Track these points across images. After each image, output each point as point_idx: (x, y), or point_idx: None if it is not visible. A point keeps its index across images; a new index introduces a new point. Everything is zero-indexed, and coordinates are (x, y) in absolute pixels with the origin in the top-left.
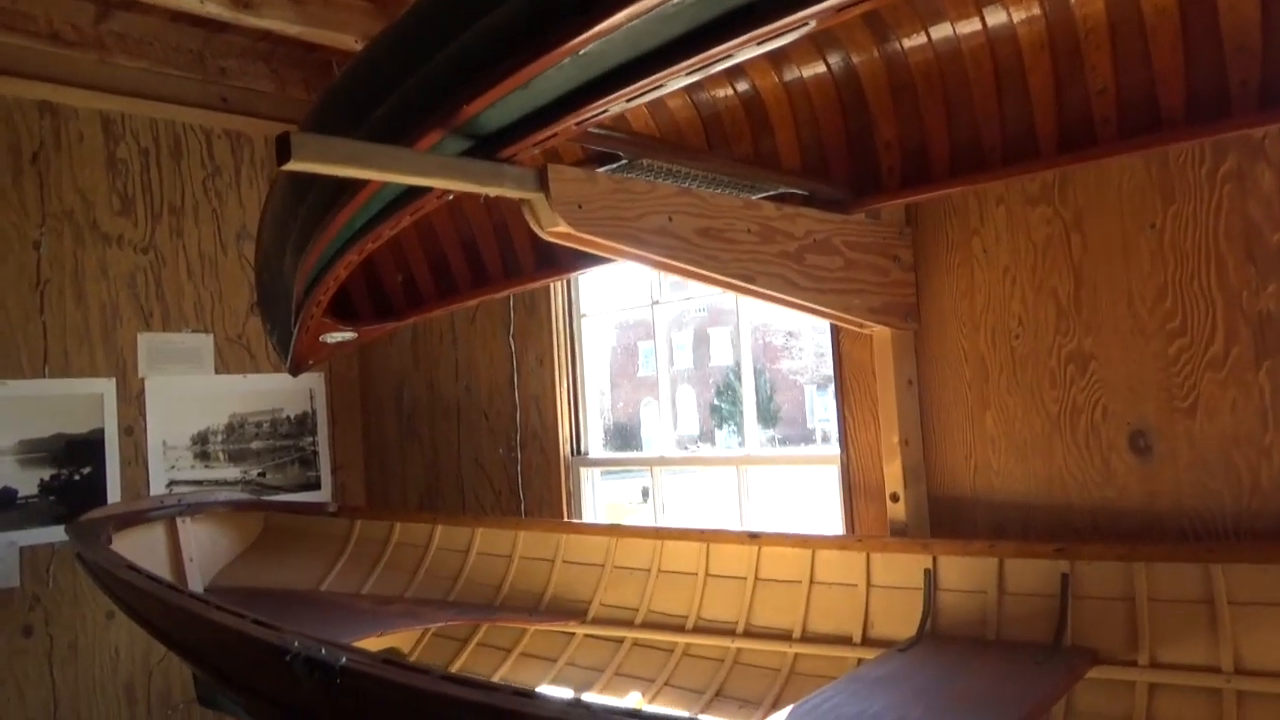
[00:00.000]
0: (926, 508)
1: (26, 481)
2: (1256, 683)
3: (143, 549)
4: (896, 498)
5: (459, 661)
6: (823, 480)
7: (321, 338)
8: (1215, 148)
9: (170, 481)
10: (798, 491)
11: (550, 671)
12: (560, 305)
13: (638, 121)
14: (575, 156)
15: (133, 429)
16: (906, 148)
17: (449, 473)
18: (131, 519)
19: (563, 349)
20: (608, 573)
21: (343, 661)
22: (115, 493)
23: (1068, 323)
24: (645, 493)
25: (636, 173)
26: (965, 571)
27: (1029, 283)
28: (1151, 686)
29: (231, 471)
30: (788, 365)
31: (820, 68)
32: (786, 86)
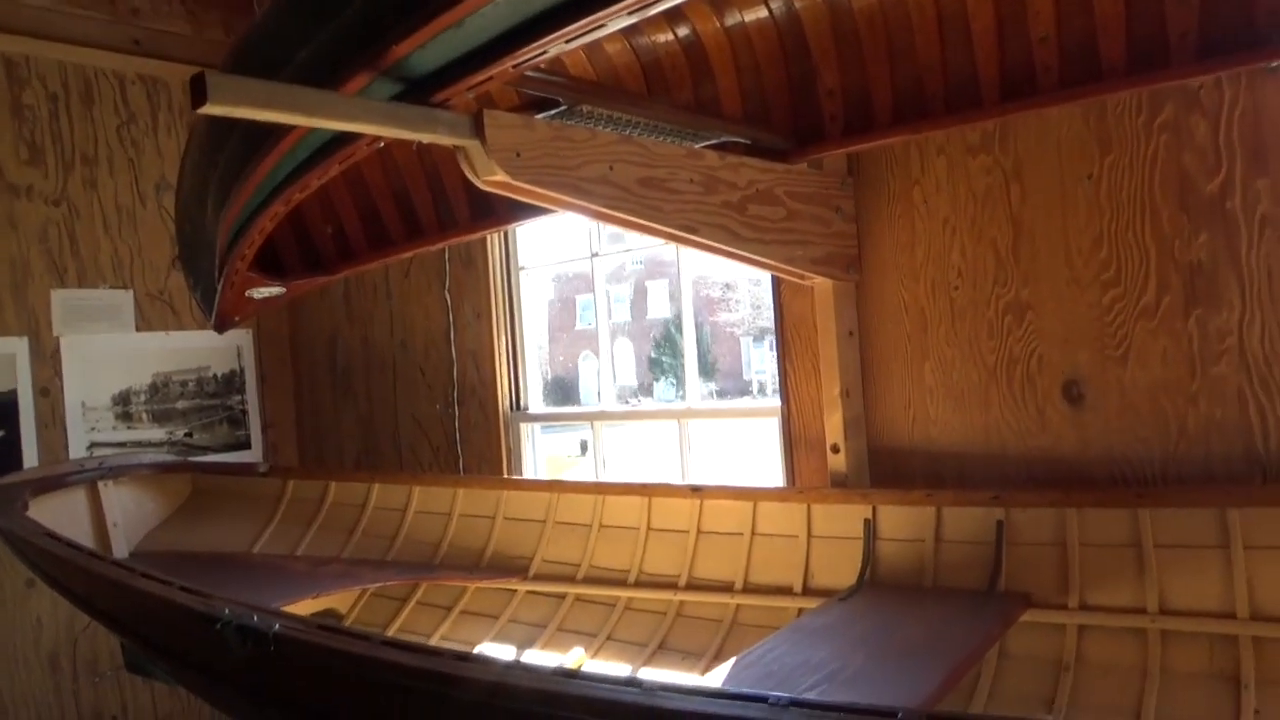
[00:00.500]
0: (866, 459)
1: None
2: (1179, 622)
3: (63, 515)
4: (837, 449)
5: (398, 621)
6: (763, 432)
7: (247, 293)
8: (1152, 98)
9: (91, 444)
10: (738, 444)
11: (492, 629)
12: (498, 258)
13: (574, 66)
14: (510, 102)
15: (49, 390)
16: (849, 96)
17: (385, 430)
18: (50, 484)
19: (501, 303)
20: (549, 529)
21: (276, 628)
22: (32, 457)
23: (1006, 273)
24: (584, 446)
25: (576, 119)
26: (904, 521)
27: (968, 233)
28: (1081, 628)
29: (156, 432)
30: (725, 318)
31: (762, 12)
32: (728, 31)
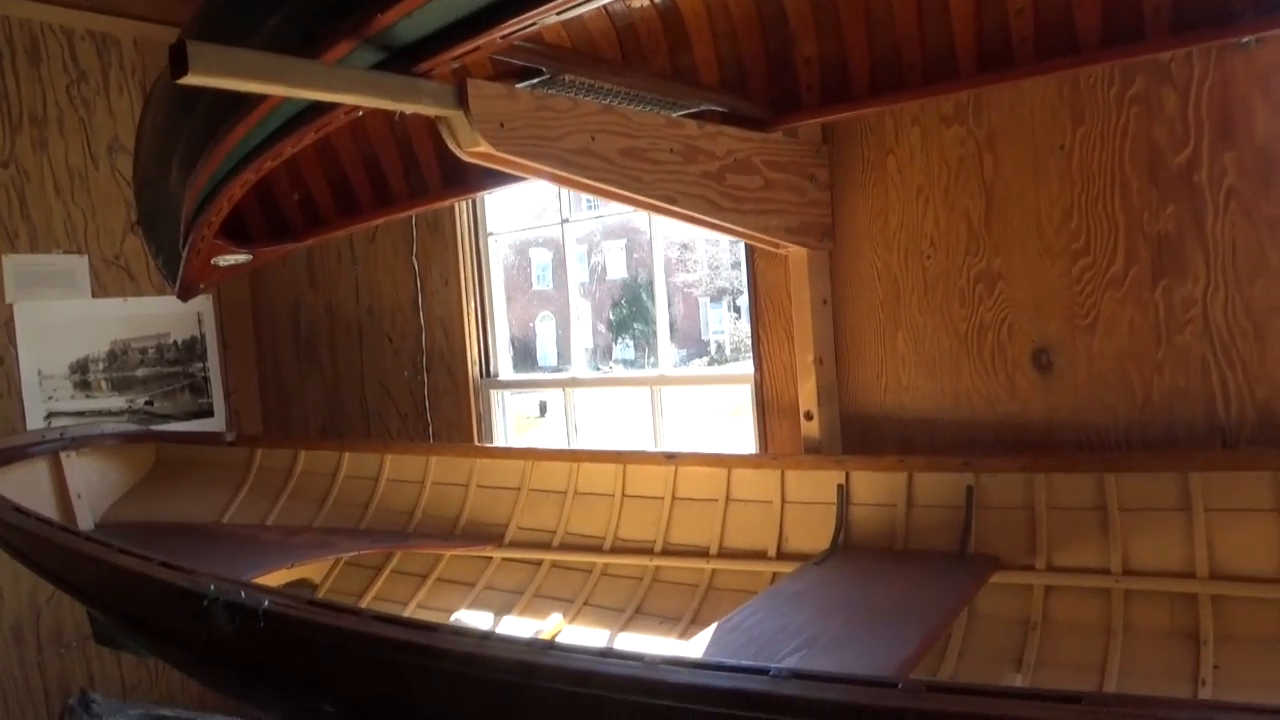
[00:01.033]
0: (839, 425)
1: None
2: (1141, 582)
3: (24, 487)
4: (810, 416)
5: (373, 589)
6: (733, 397)
7: (213, 260)
8: (1124, 70)
9: (49, 414)
10: (709, 409)
11: (468, 596)
12: (465, 224)
13: (550, 33)
14: (486, 72)
15: (3, 359)
16: (826, 65)
17: (352, 397)
18: (9, 455)
19: (469, 269)
20: (524, 496)
21: (265, 605)
22: None
23: (978, 243)
24: (543, 407)
25: (557, 89)
26: (876, 486)
27: (941, 202)
28: (1047, 589)
29: (116, 401)
30: (683, 278)
31: None
32: None
